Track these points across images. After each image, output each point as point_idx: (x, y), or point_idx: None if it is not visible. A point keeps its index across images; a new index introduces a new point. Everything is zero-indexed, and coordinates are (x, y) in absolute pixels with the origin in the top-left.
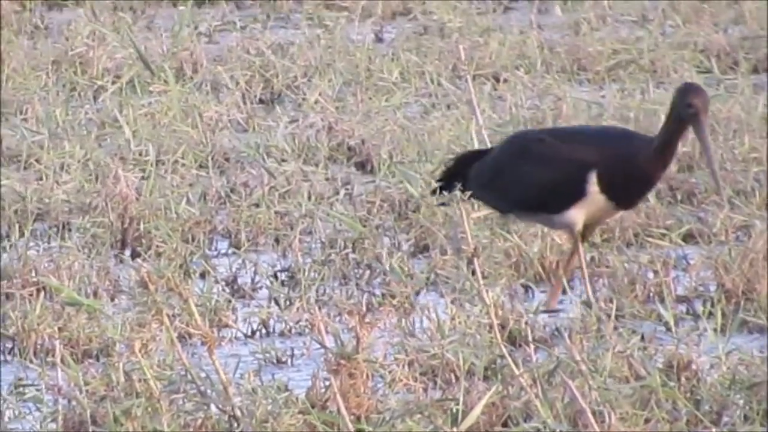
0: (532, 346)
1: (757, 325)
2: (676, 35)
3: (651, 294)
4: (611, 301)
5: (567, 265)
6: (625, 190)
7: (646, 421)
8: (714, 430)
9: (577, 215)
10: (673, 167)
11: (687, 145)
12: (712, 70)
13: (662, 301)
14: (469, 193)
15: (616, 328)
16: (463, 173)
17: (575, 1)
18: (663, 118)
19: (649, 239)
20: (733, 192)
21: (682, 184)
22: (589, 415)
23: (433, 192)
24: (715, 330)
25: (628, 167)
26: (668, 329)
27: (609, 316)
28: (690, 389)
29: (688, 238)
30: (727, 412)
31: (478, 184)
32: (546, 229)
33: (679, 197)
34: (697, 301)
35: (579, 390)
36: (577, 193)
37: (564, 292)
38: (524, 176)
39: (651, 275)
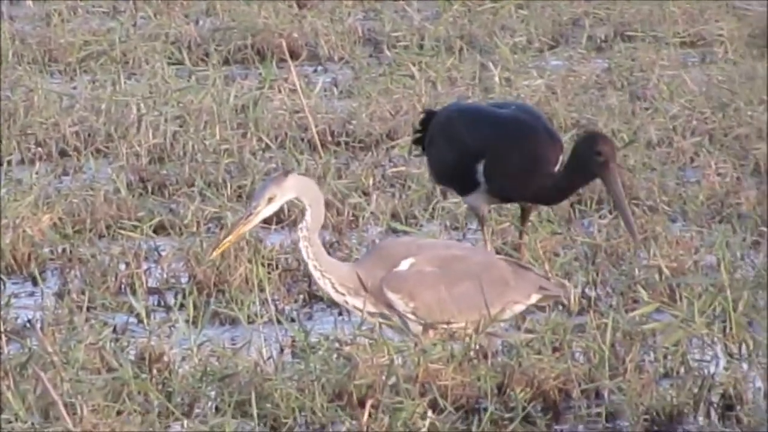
0: (3, 338)
1: (228, 317)
2: (147, 27)
3: (123, 286)
4: (83, 293)
5: (523, 249)
6: (508, 193)
7: (119, 413)
8: (186, 422)
9: (476, 201)
10: (145, 160)
11: (159, 136)
12: (184, 61)
13: (134, 292)
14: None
15: (88, 320)
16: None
17: None
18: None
19: (122, 231)
20: (205, 184)
21: (153, 176)
22: (61, 407)
23: (414, 142)
24: (187, 322)
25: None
26: (140, 321)
27: (81, 307)
28: (162, 381)
29: (160, 229)
30: (199, 404)
31: (424, 146)
32: (18, 220)
33: (150, 188)
34: (170, 292)
35: (51, 382)
36: (470, 184)
37: (36, 283)
38: (435, 153)
39: (123, 267)
